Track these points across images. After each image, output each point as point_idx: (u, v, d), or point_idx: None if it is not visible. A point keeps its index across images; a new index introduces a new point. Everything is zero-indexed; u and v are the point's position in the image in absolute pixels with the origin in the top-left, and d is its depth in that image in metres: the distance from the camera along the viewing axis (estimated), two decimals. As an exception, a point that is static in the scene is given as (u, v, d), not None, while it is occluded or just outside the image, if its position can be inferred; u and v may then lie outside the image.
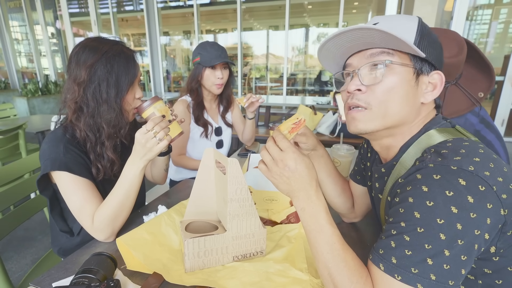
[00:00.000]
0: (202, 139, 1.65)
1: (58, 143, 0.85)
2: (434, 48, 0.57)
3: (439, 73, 0.57)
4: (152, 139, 0.77)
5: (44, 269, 1.12)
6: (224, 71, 1.56)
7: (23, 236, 2.19)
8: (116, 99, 0.87)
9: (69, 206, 0.84)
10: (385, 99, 0.57)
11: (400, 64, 0.56)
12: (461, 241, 0.45)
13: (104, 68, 0.84)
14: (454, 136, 0.55)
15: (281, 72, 6.49)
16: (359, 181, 0.85)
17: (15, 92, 7.40)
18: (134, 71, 0.89)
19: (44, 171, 0.83)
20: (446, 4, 3.81)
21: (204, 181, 0.79)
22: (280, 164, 0.56)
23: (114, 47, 0.87)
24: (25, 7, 7.60)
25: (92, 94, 0.86)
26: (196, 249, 0.68)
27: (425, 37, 0.56)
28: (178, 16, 7.59)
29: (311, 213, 0.56)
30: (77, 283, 0.57)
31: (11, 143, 2.31)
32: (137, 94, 0.93)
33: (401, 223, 0.49)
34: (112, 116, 0.87)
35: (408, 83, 0.56)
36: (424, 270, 0.45)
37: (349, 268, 0.52)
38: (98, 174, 0.89)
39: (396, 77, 0.56)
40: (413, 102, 0.58)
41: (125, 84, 0.87)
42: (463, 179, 0.46)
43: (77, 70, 0.85)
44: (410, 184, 0.50)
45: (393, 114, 0.57)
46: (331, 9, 6.00)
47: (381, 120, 0.58)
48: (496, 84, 4.28)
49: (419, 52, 0.53)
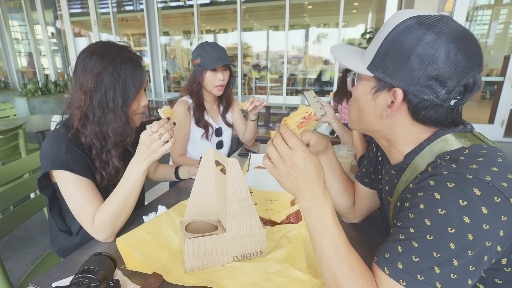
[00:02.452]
0: (202, 140, 1.65)
1: (59, 142, 0.85)
2: (396, 65, 0.52)
3: (396, 91, 0.53)
4: (157, 141, 0.77)
5: (43, 269, 1.12)
6: (225, 72, 1.56)
7: (22, 236, 2.18)
8: (123, 108, 0.87)
9: (69, 206, 0.84)
10: (352, 106, 0.66)
11: (361, 78, 0.61)
12: (471, 252, 0.44)
13: (111, 77, 0.84)
14: (472, 142, 0.53)
15: (281, 72, 6.49)
16: (366, 183, 0.84)
17: (15, 92, 7.40)
18: (141, 79, 0.89)
19: (45, 170, 0.83)
20: (446, 5, 3.82)
21: (204, 181, 0.79)
22: (288, 162, 0.54)
23: (122, 54, 0.87)
24: (25, 7, 7.61)
25: (98, 103, 0.85)
26: (196, 249, 0.68)
27: (384, 55, 0.54)
28: (178, 16, 7.59)
29: (318, 214, 0.54)
30: (76, 283, 0.57)
31: (11, 143, 2.31)
32: (143, 102, 0.93)
33: (410, 228, 0.48)
34: (118, 125, 0.87)
35: (365, 96, 0.60)
36: (431, 278, 0.45)
37: (354, 272, 0.51)
38: (102, 181, 0.89)
39: (357, 89, 0.63)
40: (374, 115, 0.60)
41: (132, 93, 0.87)
42: (478, 189, 0.44)
43: (84, 77, 0.85)
44: (422, 190, 0.49)
45: (359, 121, 0.65)
46: (331, 9, 6.01)
47: (355, 123, 0.67)
48: (495, 84, 4.28)
49: (367, 72, 0.57)
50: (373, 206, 0.87)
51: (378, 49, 0.55)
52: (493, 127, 4.26)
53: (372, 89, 0.58)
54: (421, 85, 0.51)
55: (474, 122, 0.77)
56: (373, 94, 0.58)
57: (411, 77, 0.51)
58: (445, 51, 0.49)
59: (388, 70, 0.54)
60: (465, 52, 0.49)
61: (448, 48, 0.49)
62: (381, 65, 0.55)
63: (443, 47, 0.49)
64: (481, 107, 5.00)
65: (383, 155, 0.75)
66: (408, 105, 0.54)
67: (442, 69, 0.49)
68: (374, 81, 0.57)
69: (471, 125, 0.58)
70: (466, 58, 0.49)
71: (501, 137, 4.30)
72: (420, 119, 0.55)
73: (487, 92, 5.25)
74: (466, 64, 0.49)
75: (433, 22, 0.50)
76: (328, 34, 7.21)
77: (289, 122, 0.62)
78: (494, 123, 4.26)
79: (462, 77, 0.50)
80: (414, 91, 0.52)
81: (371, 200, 0.85)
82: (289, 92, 6.89)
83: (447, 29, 0.49)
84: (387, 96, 0.56)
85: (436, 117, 0.54)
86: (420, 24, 0.50)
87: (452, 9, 3.78)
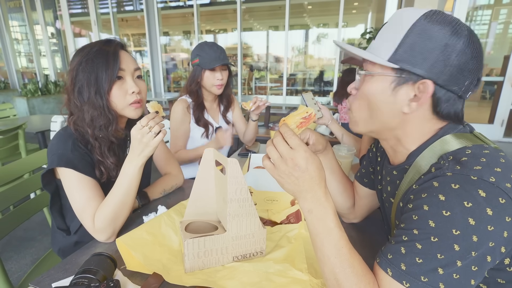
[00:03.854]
0: (203, 139, 1.66)
1: (67, 140, 0.85)
2: (425, 56, 0.52)
3: (424, 83, 0.52)
4: (148, 134, 0.77)
5: (43, 269, 1.12)
6: (224, 72, 1.57)
7: (22, 236, 2.18)
8: (96, 97, 0.85)
9: (72, 204, 0.84)
10: (358, 107, 0.62)
11: (375, 74, 0.57)
12: (475, 252, 0.44)
13: (84, 70, 0.84)
14: (473, 142, 0.53)
15: (281, 72, 6.50)
16: (366, 183, 0.84)
17: (14, 92, 7.40)
18: (115, 65, 0.85)
19: (50, 166, 0.83)
20: (446, 5, 3.82)
21: (204, 181, 0.79)
22: (289, 162, 0.53)
23: (96, 46, 0.86)
24: (25, 7, 7.61)
25: (76, 98, 0.86)
26: (196, 249, 0.68)
27: (410, 47, 0.53)
28: (178, 16, 7.59)
29: (319, 215, 0.54)
30: (76, 284, 0.57)
31: (11, 143, 2.31)
32: (130, 89, 0.88)
33: (414, 230, 0.48)
34: (94, 115, 0.85)
35: (382, 92, 0.56)
36: (434, 279, 0.45)
37: (356, 273, 0.51)
38: (102, 176, 0.89)
39: (371, 85, 0.58)
40: (392, 111, 0.57)
41: (106, 81, 0.85)
42: (483, 190, 0.44)
43: (67, 77, 0.88)
44: (426, 191, 0.49)
45: (370, 121, 0.61)
46: (331, 9, 6.01)
47: (363, 124, 0.62)
48: (495, 84, 4.28)
49: (391, 65, 0.54)
50: (373, 206, 0.87)
51: (402, 40, 0.53)
52: (493, 127, 4.26)
53: (392, 83, 0.55)
54: (450, 76, 0.52)
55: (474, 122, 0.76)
56: (393, 88, 0.55)
57: (443, 67, 0.51)
58: (473, 46, 0.51)
59: (417, 61, 0.52)
60: (481, 48, 0.53)
61: (475, 43, 0.52)
62: (407, 56, 0.53)
63: (474, 41, 0.52)
64: (481, 107, 5.00)
65: (382, 155, 0.75)
66: (433, 97, 0.54)
67: (468, 62, 0.51)
68: (395, 74, 0.55)
69: (471, 126, 0.58)
70: (481, 54, 0.53)
71: (501, 137, 4.30)
72: (439, 112, 0.55)
73: (487, 92, 5.26)
74: (481, 59, 0.53)
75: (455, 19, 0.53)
76: (328, 34, 7.22)
77: (289, 121, 0.61)
78: (494, 123, 4.26)
79: (479, 71, 0.53)
80: (443, 83, 0.52)
81: (371, 200, 0.85)
82: (289, 92, 6.89)
83: (469, 28, 0.53)
84: (409, 90, 0.54)
85: (454, 110, 0.55)
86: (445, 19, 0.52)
87: (452, 9, 3.78)
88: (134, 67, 0.91)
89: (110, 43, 0.89)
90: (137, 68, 0.92)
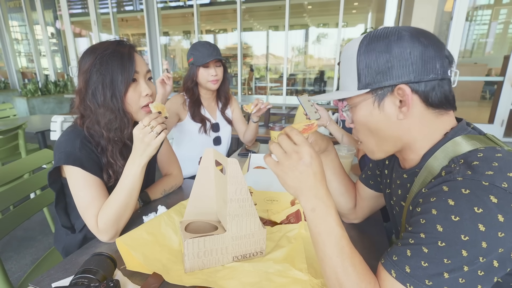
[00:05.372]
0: (201, 135, 1.68)
1: (75, 138, 0.85)
2: (383, 69, 0.55)
3: (400, 88, 0.54)
4: (150, 133, 0.77)
5: (43, 269, 1.12)
6: (218, 68, 1.60)
7: (22, 236, 2.18)
8: (113, 100, 0.84)
9: (76, 203, 0.83)
10: (363, 137, 0.64)
11: (355, 104, 0.61)
12: (483, 258, 0.44)
13: (98, 71, 0.82)
14: (485, 144, 0.52)
15: (281, 72, 6.49)
16: (372, 185, 0.83)
17: (14, 92, 7.40)
18: (131, 68, 0.84)
19: (57, 163, 0.83)
20: (446, 4, 3.81)
21: (203, 181, 0.79)
22: (294, 156, 0.54)
23: (109, 47, 0.84)
24: (25, 7, 7.60)
25: (90, 101, 0.85)
26: (195, 249, 0.68)
27: (367, 69, 0.56)
28: (178, 16, 7.59)
29: (322, 214, 0.53)
30: (76, 283, 0.57)
31: (11, 143, 2.31)
32: (144, 91, 0.88)
33: (421, 234, 0.47)
34: (110, 118, 0.85)
35: (371, 114, 0.59)
36: (439, 283, 0.44)
37: (357, 273, 0.51)
38: (110, 180, 0.88)
39: (359, 114, 0.61)
40: (390, 124, 0.58)
41: (122, 83, 0.84)
42: (495, 196, 0.44)
43: (78, 79, 0.86)
44: (435, 195, 0.48)
45: (381, 144, 0.62)
46: (331, 9, 6.01)
47: (378, 149, 0.63)
48: (495, 84, 4.28)
49: (363, 91, 0.57)
50: (375, 207, 0.87)
51: (357, 67, 0.57)
52: (493, 127, 4.26)
53: (375, 102, 0.57)
54: (418, 72, 0.53)
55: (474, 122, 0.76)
56: (378, 106, 0.57)
57: (406, 69, 0.53)
58: (419, 38, 0.53)
59: (380, 77, 0.55)
60: (430, 34, 0.55)
61: (417, 34, 0.54)
62: (370, 77, 0.56)
63: (414, 34, 0.54)
64: (481, 107, 5.01)
65: (390, 158, 0.74)
66: (417, 93, 0.55)
67: (424, 52, 0.53)
68: (372, 95, 0.57)
69: (479, 129, 0.58)
70: (433, 38, 0.55)
71: (501, 137, 4.29)
72: (433, 102, 0.55)
73: (487, 92, 5.26)
74: (437, 41, 0.55)
75: (392, 28, 0.56)
76: (328, 34, 7.22)
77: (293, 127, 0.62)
78: (494, 123, 4.25)
79: (442, 51, 0.54)
80: (416, 79, 0.53)
81: (373, 202, 0.85)
82: (289, 92, 6.89)
83: (403, 27, 0.56)
84: (392, 100, 0.56)
85: (443, 94, 0.55)
86: (379, 33, 0.56)
87: (452, 9, 3.78)
88: (146, 69, 0.91)
89: (123, 45, 0.87)
90: (149, 70, 0.92)
